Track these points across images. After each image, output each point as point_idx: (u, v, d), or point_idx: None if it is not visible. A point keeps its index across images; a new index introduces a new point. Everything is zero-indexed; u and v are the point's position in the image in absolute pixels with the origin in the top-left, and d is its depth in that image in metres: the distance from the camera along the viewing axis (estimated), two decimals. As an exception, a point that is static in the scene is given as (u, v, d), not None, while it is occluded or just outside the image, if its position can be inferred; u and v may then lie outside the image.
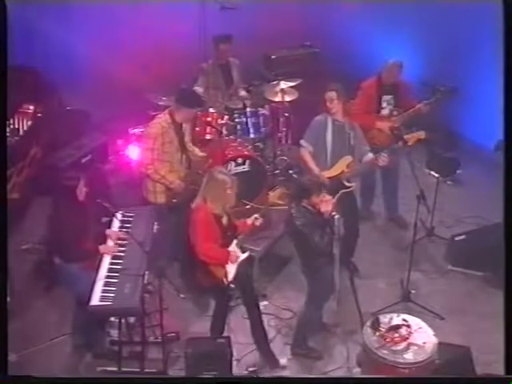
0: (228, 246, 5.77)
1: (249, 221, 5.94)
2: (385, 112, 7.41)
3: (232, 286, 5.76)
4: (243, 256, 5.86)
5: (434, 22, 8.71)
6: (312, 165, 6.64)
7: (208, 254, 5.66)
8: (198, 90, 7.98)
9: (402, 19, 8.92)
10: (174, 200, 6.56)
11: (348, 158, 6.59)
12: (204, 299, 6.60)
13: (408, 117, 7.33)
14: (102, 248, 5.79)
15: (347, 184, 6.61)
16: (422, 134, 6.70)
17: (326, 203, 5.69)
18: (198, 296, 6.69)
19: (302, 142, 6.76)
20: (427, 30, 8.81)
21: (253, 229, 6.02)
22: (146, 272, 5.51)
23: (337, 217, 5.60)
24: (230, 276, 5.73)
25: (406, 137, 6.64)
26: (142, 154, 6.61)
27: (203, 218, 5.64)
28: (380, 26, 9.09)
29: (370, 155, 6.64)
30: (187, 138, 6.69)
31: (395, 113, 7.38)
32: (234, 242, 5.82)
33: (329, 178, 6.53)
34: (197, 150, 6.86)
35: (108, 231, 5.98)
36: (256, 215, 5.94)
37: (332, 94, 6.52)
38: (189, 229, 5.77)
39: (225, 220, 5.79)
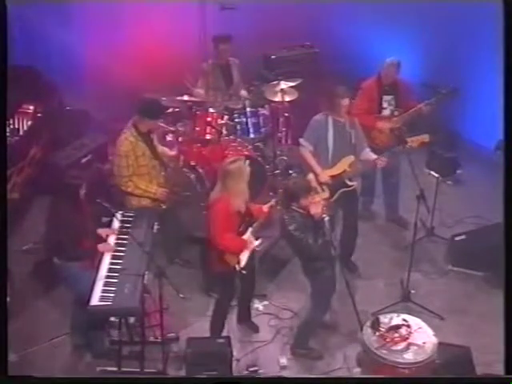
0: (244, 234, 5.83)
1: (265, 208, 5.97)
2: (386, 112, 7.41)
3: (244, 272, 5.83)
4: (256, 243, 5.92)
5: (434, 22, 8.70)
6: (313, 163, 6.65)
7: (227, 243, 5.72)
8: (200, 93, 7.96)
9: (401, 19, 8.92)
10: (164, 206, 6.53)
11: (350, 158, 6.59)
12: (204, 299, 6.61)
13: (409, 117, 7.32)
14: (100, 246, 5.79)
15: (349, 183, 6.61)
16: (425, 138, 6.69)
17: (316, 205, 5.68)
18: (198, 295, 6.71)
19: (302, 140, 6.77)
20: (427, 30, 8.80)
21: (268, 216, 6.02)
22: (146, 272, 5.51)
23: (327, 219, 5.61)
24: (243, 263, 5.80)
25: (409, 139, 6.64)
26: (117, 173, 6.40)
27: (223, 209, 5.69)
28: (380, 26, 9.08)
29: (368, 151, 6.67)
30: (156, 142, 6.58)
31: (396, 113, 7.38)
32: (250, 229, 5.86)
33: (331, 176, 6.55)
34: (166, 150, 6.78)
35: (106, 230, 5.98)
36: (272, 202, 5.98)
37: (345, 102, 6.52)
38: (207, 220, 5.82)
39: (243, 208, 5.83)
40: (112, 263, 5.71)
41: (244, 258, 5.83)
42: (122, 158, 6.29)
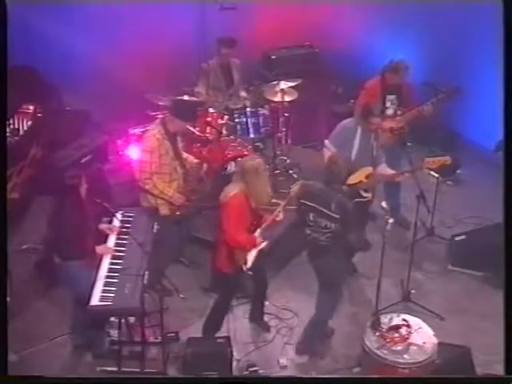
0: (254, 233, 5.83)
1: (272, 215, 5.96)
2: (389, 112, 7.41)
3: (250, 272, 5.82)
4: (263, 244, 5.89)
5: (434, 22, 8.70)
6: None
7: (240, 239, 5.72)
8: (200, 93, 7.95)
9: (401, 19, 8.91)
10: (178, 213, 6.52)
11: (368, 169, 6.57)
12: (204, 299, 6.61)
13: (412, 117, 7.31)
14: (98, 249, 5.79)
15: (364, 194, 6.59)
16: (447, 160, 6.58)
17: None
18: (198, 295, 6.71)
19: (327, 142, 6.79)
20: (427, 30, 8.80)
21: (275, 222, 5.99)
22: (146, 272, 5.51)
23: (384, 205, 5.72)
24: (249, 263, 5.79)
25: (429, 160, 6.56)
26: (139, 168, 6.40)
27: (238, 205, 5.69)
28: (380, 26, 9.08)
29: (384, 166, 6.66)
30: (180, 145, 6.57)
31: (399, 112, 7.36)
32: (258, 230, 5.85)
33: (347, 185, 6.51)
34: (191, 158, 6.77)
35: (108, 226, 5.98)
36: (279, 209, 5.94)
37: (378, 120, 6.58)
38: (220, 217, 5.80)
39: (254, 207, 5.82)
40: (112, 263, 5.71)
41: (251, 258, 5.81)
42: (147, 153, 6.28)
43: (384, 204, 5.80)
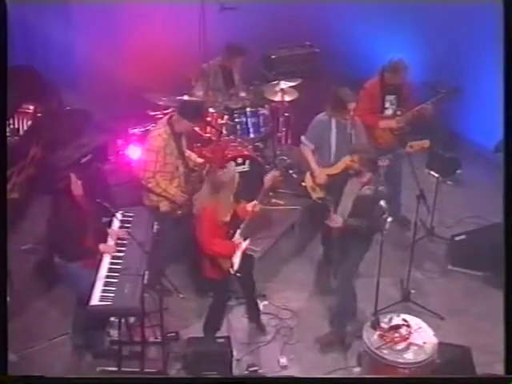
0: (233, 237, 5.83)
1: (248, 207, 5.96)
2: (388, 112, 7.40)
3: (238, 274, 5.83)
4: (245, 243, 5.90)
5: (434, 22, 8.71)
6: (312, 163, 6.69)
7: (217, 249, 5.73)
8: (198, 93, 7.95)
9: (401, 19, 8.92)
10: (179, 212, 6.53)
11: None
12: (204, 299, 6.61)
13: (411, 117, 7.31)
14: (101, 247, 5.79)
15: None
16: (426, 143, 6.67)
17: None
18: (198, 295, 6.71)
19: (303, 139, 6.82)
20: (427, 30, 8.81)
21: (253, 215, 5.97)
22: (146, 272, 5.51)
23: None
24: (236, 266, 5.80)
25: (410, 144, 6.64)
26: (143, 167, 6.40)
27: (209, 215, 5.69)
28: (380, 25, 9.09)
29: None
30: (184, 144, 6.61)
31: (399, 113, 7.36)
32: (238, 231, 5.86)
33: (329, 175, 6.56)
34: (194, 156, 6.81)
35: (109, 230, 5.98)
36: (255, 201, 5.95)
37: (352, 105, 6.57)
38: (195, 226, 5.81)
39: (229, 214, 5.84)
40: (112, 263, 5.71)
41: (237, 260, 5.82)
42: (153, 152, 6.29)
43: (382, 203, 5.82)
